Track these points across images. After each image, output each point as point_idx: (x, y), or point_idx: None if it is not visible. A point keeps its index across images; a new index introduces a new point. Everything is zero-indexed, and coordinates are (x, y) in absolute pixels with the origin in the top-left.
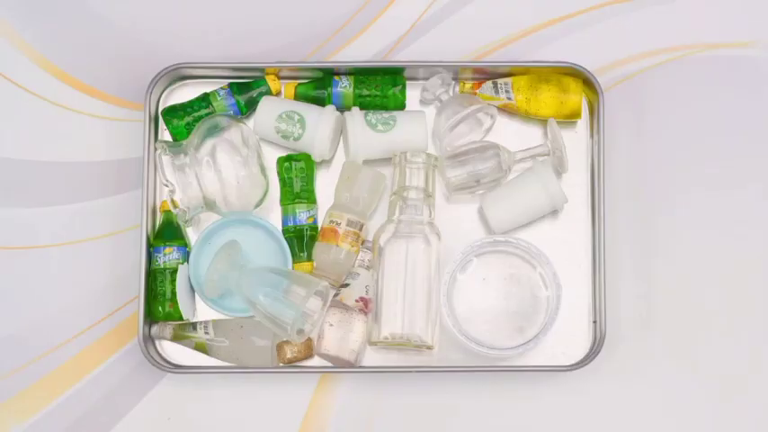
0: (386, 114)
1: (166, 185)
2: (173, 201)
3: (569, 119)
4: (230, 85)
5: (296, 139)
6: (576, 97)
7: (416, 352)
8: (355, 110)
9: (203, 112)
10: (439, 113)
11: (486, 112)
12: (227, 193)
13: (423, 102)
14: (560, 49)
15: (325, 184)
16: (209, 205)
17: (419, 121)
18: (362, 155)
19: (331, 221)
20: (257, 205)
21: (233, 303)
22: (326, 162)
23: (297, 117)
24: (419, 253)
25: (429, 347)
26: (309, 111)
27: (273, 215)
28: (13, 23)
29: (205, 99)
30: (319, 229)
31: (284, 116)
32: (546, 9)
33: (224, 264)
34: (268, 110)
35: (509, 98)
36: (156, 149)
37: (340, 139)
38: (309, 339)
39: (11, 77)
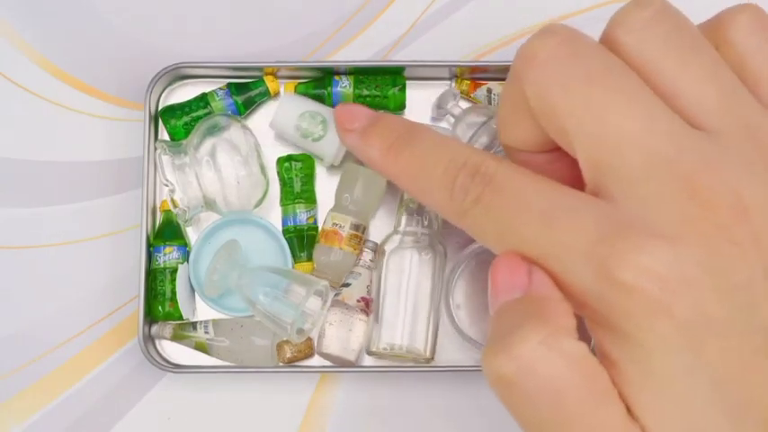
0: None
1: (166, 185)
2: (173, 200)
3: None
4: (229, 85)
5: (315, 140)
6: None
7: (415, 364)
8: None
9: (201, 112)
10: (454, 128)
11: None
12: (227, 192)
13: (435, 119)
14: None
15: (326, 185)
16: (209, 205)
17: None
18: None
19: (334, 224)
20: (257, 205)
21: (233, 303)
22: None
23: (320, 118)
24: (423, 264)
25: (427, 360)
26: (332, 115)
27: (273, 215)
28: (13, 23)
29: (203, 99)
30: (320, 229)
31: (307, 115)
32: (546, 9)
33: (224, 264)
34: (293, 106)
35: None
36: (156, 149)
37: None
38: (309, 339)
39: (11, 77)
